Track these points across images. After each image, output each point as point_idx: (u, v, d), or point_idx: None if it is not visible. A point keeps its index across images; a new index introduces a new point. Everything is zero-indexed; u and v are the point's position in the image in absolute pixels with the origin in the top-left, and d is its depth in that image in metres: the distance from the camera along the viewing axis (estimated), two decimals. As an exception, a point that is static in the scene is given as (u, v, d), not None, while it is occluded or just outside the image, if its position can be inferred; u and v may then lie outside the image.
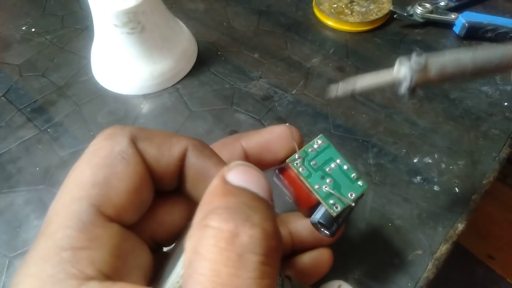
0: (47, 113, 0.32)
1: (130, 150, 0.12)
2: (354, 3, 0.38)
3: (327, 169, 0.16)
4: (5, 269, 0.24)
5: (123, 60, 0.31)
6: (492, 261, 0.67)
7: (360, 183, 0.16)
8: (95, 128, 0.31)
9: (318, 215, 0.16)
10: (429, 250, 0.24)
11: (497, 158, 0.28)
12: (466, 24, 0.34)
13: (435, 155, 0.28)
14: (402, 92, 0.16)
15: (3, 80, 0.35)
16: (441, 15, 0.36)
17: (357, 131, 0.30)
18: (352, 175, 0.17)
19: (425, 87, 0.23)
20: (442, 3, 0.37)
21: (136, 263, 0.12)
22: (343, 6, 0.38)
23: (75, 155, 0.29)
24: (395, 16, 0.37)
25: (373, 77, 0.16)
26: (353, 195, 0.16)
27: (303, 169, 0.16)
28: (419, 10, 0.36)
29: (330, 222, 0.16)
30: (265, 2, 0.40)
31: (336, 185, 0.16)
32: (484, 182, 0.26)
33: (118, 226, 0.12)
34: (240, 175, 0.11)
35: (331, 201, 0.16)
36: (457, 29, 0.36)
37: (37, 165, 0.29)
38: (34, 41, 0.38)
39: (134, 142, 0.12)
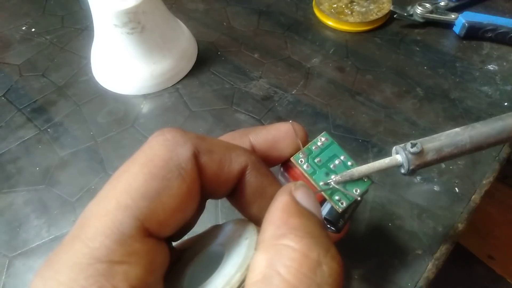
0: (47, 113, 0.32)
1: (189, 166, 0.11)
2: (354, 3, 0.38)
3: (331, 166, 0.16)
4: (5, 269, 0.24)
5: (123, 60, 0.31)
6: (492, 261, 0.67)
7: (364, 178, 0.16)
8: (95, 128, 0.31)
9: (324, 211, 0.16)
10: (429, 250, 0.24)
11: (497, 158, 0.28)
12: (466, 24, 0.34)
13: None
14: (403, 173, 0.16)
15: (3, 80, 0.35)
16: (441, 15, 0.36)
17: (357, 131, 0.30)
18: None
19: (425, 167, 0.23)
20: (442, 3, 0.37)
21: (162, 272, 0.12)
22: (343, 6, 0.38)
23: (75, 155, 0.29)
24: (395, 16, 0.37)
25: (371, 165, 0.16)
26: (358, 191, 0.16)
27: (307, 166, 0.16)
28: (419, 10, 0.36)
29: (336, 218, 0.16)
30: (265, 2, 0.40)
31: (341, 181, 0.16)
32: (484, 182, 0.26)
33: (154, 240, 0.11)
34: (306, 197, 0.11)
35: (337, 197, 0.16)
36: (457, 29, 0.36)
37: (37, 165, 0.29)
38: (34, 41, 0.38)
39: (196, 155, 0.12)
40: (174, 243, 0.15)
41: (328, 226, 0.17)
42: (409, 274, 0.23)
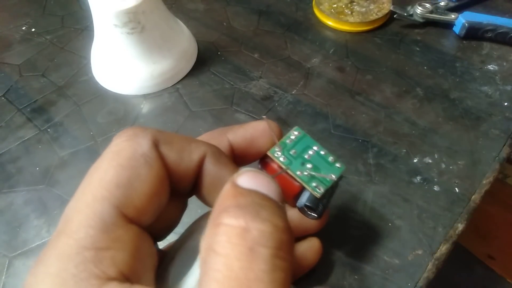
0: (47, 113, 0.32)
1: (152, 153, 0.12)
2: (354, 3, 0.38)
3: (306, 156, 0.17)
4: (5, 269, 0.24)
5: (123, 60, 0.31)
6: (492, 261, 0.67)
7: (338, 165, 0.17)
8: (95, 128, 0.31)
9: (303, 199, 0.16)
10: (429, 250, 0.24)
11: (497, 158, 0.28)
12: (466, 24, 0.34)
13: (435, 155, 0.28)
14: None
15: (3, 80, 0.35)
16: (441, 15, 0.36)
17: (357, 131, 0.30)
18: (330, 159, 0.17)
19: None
20: (442, 3, 0.37)
21: (150, 263, 0.12)
22: (343, 6, 0.38)
23: (75, 155, 0.29)
24: (395, 16, 0.37)
25: None
26: (333, 177, 0.17)
27: (284, 158, 0.17)
28: (419, 10, 0.36)
29: (315, 204, 0.17)
30: (265, 2, 0.40)
31: (316, 169, 0.17)
32: (484, 182, 0.26)
33: (136, 227, 0.12)
34: (249, 179, 0.12)
35: (314, 184, 0.16)
36: (457, 29, 0.35)
37: (37, 165, 0.29)
38: (34, 41, 0.38)
39: (156, 145, 0.13)
40: (162, 246, 0.15)
41: (309, 213, 0.17)
42: (409, 274, 0.23)
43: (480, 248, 0.67)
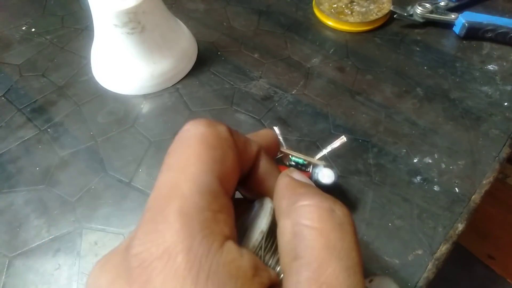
0: (47, 113, 0.32)
1: (231, 139, 0.14)
2: (354, 3, 0.38)
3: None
4: (5, 269, 0.24)
5: (123, 60, 0.31)
6: (492, 261, 0.67)
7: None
8: (95, 128, 0.31)
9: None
10: (429, 250, 0.24)
11: (497, 158, 0.28)
12: (466, 24, 0.34)
13: (435, 155, 0.28)
14: None
15: (3, 80, 0.35)
16: (441, 15, 0.36)
17: (357, 131, 0.30)
18: None
19: None
20: (442, 3, 0.37)
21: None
22: (343, 6, 0.38)
23: (75, 155, 0.29)
24: (395, 16, 0.37)
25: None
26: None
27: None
28: (419, 10, 0.36)
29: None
30: (265, 2, 0.40)
31: None
32: (484, 182, 0.26)
33: (230, 198, 0.13)
34: (300, 175, 0.14)
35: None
36: (457, 29, 0.35)
37: (37, 165, 0.29)
38: (34, 41, 0.38)
39: (231, 133, 0.14)
40: None
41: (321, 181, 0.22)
42: (409, 274, 0.23)
43: (480, 248, 0.67)
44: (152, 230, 0.11)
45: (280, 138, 0.20)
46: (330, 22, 0.37)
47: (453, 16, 0.35)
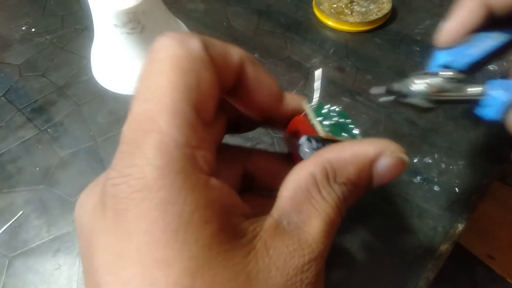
0: (47, 113, 0.32)
1: (206, 56, 0.12)
2: (354, 3, 0.38)
3: (334, 119, 0.17)
4: (5, 269, 0.24)
5: (123, 60, 0.31)
6: (492, 261, 0.67)
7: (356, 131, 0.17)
8: (95, 128, 0.31)
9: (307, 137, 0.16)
10: (429, 250, 0.24)
11: (497, 158, 0.28)
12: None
13: (435, 155, 0.28)
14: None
15: (3, 80, 0.34)
16: (458, 91, 0.19)
17: (357, 131, 0.30)
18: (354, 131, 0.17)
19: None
20: (447, 74, 0.19)
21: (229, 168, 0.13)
22: (343, 6, 0.38)
23: (75, 155, 0.29)
24: (380, 100, 0.20)
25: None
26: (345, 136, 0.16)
27: (313, 107, 0.17)
28: (418, 87, 0.19)
29: (318, 140, 0.16)
30: (265, 2, 0.40)
31: (336, 127, 0.17)
32: (484, 182, 0.26)
33: (208, 128, 0.12)
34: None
35: (326, 129, 0.16)
36: (491, 112, 0.18)
37: (37, 165, 0.29)
38: (34, 41, 0.38)
39: (206, 48, 0.13)
40: None
41: (302, 147, 0.17)
42: (409, 274, 0.23)
43: (480, 248, 0.67)
44: (131, 164, 0.11)
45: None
46: (330, 22, 0.37)
47: (471, 90, 0.19)
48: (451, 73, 0.19)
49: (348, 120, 0.18)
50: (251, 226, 0.12)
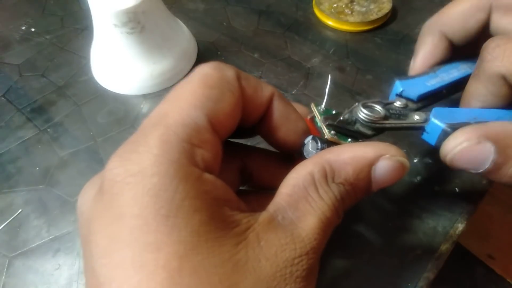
0: (47, 113, 0.32)
1: (236, 83, 0.14)
2: (354, 3, 0.38)
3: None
4: (5, 269, 0.24)
5: (123, 60, 0.31)
6: (492, 261, 0.67)
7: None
8: (95, 128, 0.31)
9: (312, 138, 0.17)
10: (429, 250, 0.23)
11: (497, 158, 0.28)
12: (449, 130, 0.18)
13: (436, 154, 0.28)
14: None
15: (3, 80, 0.34)
16: (400, 119, 0.20)
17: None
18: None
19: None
20: (398, 104, 0.21)
21: (218, 171, 0.14)
22: (343, 6, 0.38)
23: (75, 155, 0.29)
24: (326, 125, 0.18)
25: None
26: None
27: (321, 111, 0.18)
28: (363, 115, 0.19)
29: (322, 141, 0.17)
30: (265, 1, 0.40)
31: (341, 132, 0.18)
32: (484, 182, 0.26)
33: (217, 137, 0.13)
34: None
35: (332, 132, 0.17)
36: (431, 137, 0.19)
37: (37, 165, 0.29)
38: (33, 41, 0.38)
39: (238, 78, 0.15)
40: None
41: (307, 147, 0.18)
42: (409, 274, 0.23)
43: (480, 248, 0.67)
44: (132, 151, 0.12)
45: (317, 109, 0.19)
46: (330, 22, 0.37)
47: (417, 117, 0.20)
48: (402, 102, 0.20)
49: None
50: (245, 219, 0.12)
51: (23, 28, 0.39)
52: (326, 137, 0.16)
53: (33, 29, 0.39)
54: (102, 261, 0.10)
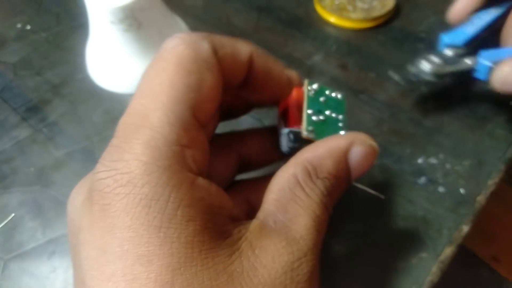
0: (42, 113, 0.31)
1: (213, 59, 0.13)
2: (356, -1, 0.37)
3: (327, 112, 0.17)
4: (1, 272, 0.24)
5: (119, 58, 0.31)
6: (497, 263, 0.66)
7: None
8: (90, 127, 0.30)
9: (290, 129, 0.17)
10: (433, 253, 0.23)
11: (502, 158, 0.27)
12: (494, 67, 0.24)
13: (440, 155, 0.27)
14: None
15: (-2, 79, 0.34)
16: (455, 64, 0.26)
17: (360, 130, 0.29)
18: (340, 125, 0.18)
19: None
20: (450, 53, 0.27)
21: (206, 168, 0.13)
22: (345, 2, 0.37)
23: (71, 155, 0.29)
24: (396, 78, 0.28)
25: None
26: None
27: (311, 93, 0.17)
28: (427, 67, 0.26)
29: (297, 139, 0.16)
30: (265, -2, 0.40)
31: (323, 125, 0.17)
32: (489, 183, 0.26)
33: (203, 130, 0.12)
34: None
35: (310, 128, 0.16)
36: (481, 74, 0.26)
37: (32, 165, 0.28)
38: (29, 39, 0.37)
39: (214, 50, 0.13)
40: None
41: (284, 142, 0.18)
42: (413, 277, 0.22)
43: (485, 250, 0.66)
44: (118, 158, 0.11)
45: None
46: (332, 19, 0.37)
47: (469, 62, 0.26)
48: (452, 50, 0.26)
49: (340, 116, 0.18)
50: (235, 229, 0.12)
51: (19, 25, 0.38)
52: (302, 135, 0.16)
53: (28, 27, 0.38)
54: (92, 273, 0.10)
